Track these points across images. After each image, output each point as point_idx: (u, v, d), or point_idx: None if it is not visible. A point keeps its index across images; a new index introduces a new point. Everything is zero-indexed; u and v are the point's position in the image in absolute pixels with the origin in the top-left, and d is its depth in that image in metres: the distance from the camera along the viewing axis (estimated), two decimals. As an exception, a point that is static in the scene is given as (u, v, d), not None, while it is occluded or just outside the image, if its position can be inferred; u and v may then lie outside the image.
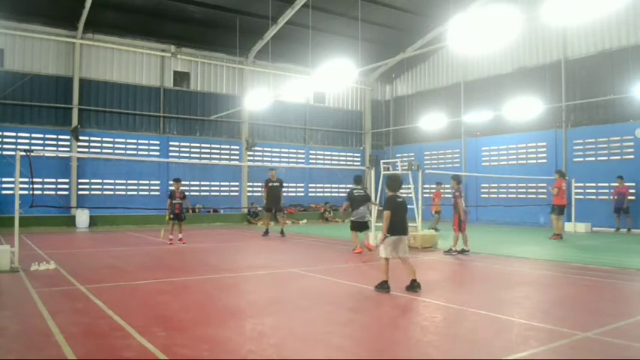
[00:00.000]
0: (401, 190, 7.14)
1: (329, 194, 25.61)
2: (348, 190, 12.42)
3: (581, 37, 18.86)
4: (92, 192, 19.45)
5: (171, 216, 12.71)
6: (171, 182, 16.65)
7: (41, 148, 18.12)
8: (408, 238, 7.01)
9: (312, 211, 24.01)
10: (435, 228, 15.74)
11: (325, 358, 4.05)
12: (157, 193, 20.69)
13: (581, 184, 18.20)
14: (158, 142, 20.93)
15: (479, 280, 7.79)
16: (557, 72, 19.59)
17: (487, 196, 22.21)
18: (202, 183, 21.87)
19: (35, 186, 9.71)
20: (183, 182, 20.97)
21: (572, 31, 18.94)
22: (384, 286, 6.61)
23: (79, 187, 19.11)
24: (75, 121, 18.87)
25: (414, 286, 6.59)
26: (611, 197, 17.04)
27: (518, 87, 20.40)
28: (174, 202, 12.68)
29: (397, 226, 6.67)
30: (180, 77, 21.72)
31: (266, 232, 15.23)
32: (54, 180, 18.63)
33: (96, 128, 19.63)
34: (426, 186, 23.53)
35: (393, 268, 6.87)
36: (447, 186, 22.90)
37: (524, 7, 17.28)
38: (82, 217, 18.39)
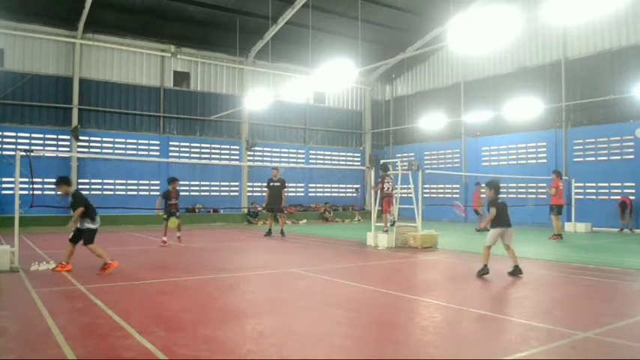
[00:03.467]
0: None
1: (329, 194, 25.62)
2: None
3: (581, 37, 18.86)
4: (92, 192, 19.42)
5: (165, 216, 12.29)
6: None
7: (41, 148, 18.13)
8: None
9: (312, 211, 24.01)
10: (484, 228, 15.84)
11: (325, 358, 4.05)
12: (157, 193, 20.63)
13: (581, 184, 18.21)
14: (158, 142, 20.93)
15: (479, 280, 7.78)
16: (557, 72, 19.59)
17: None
18: (202, 183, 21.87)
19: (35, 186, 9.70)
20: (183, 182, 21.13)
21: (572, 31, 18.95)
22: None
23: (79, 187, 19.07)
24: (75, 121, 18.87)
25: (515, 272, 7.79)
26: (619, 207, 17.08)
27: (518, 87, 20.41)
28: (170, 202, 12.29)
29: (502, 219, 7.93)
30: (180, 77, 21.72)
31: (268, 232, 15.20)
32: (54, 180, 18.58)
33: (96, 128, 19.63)
34: (433, 186, 23.67)
35: (399, 268, 6.86)
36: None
37: (524, 7, 17.28)
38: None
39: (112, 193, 19.82)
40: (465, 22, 10.28)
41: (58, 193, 8.25)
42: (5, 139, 17.97)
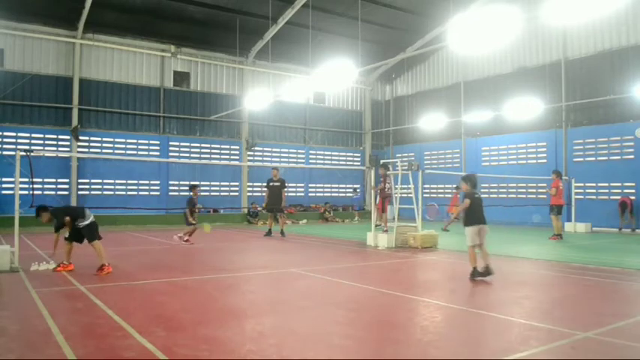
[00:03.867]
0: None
1: (329, 194, 25.62)
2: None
3: (581, 37, 18.86)
4: (92, 192, 19.45)
5: (195, 222, 12.81)
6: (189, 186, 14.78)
7: (41, 148, 18.13)
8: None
9: (312, 211, 24.01)
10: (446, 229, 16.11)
11: (325, 358, 4.05)
12: (157, 193, 20.71)
13: (581, 184, 18.21)
14: (158, 142, 20.93)
15: (479, 280, 7.77)
16: (557, 72, 19.59)
17: (487, 196, 22.15)
18: (202, 183, 21.84)
19: (35, 186, 9.71)
20: (182, 182, 21.20)
21: (572, 31, 18.95)
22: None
23: (79, 187, 19.12)
24: (75, 121, 18.87)
25: (485, 272, 7.41)
26: (619, 207, 17.08)
27: (518, 87, 20.41)
28: (196, 207, 12.92)
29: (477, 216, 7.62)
30: (181, 77, 21.72)
31: (268, 232, 15.20)
32: (54, 180, 18.64)
33: (96, 128, 19.63)
34: (432, 186, 23.67)
35: (399, 268, 6.86)
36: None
37: (524, 7, 17.28)
38: (82, 217, 18.36)
39: (112, 193, 19.82)
40: (465, 22, 10.28)
41: (43, 221, 8.19)
42: (5, 139, 17.97)
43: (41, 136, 18.62)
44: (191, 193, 13.09)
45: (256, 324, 5.07)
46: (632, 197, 17.09)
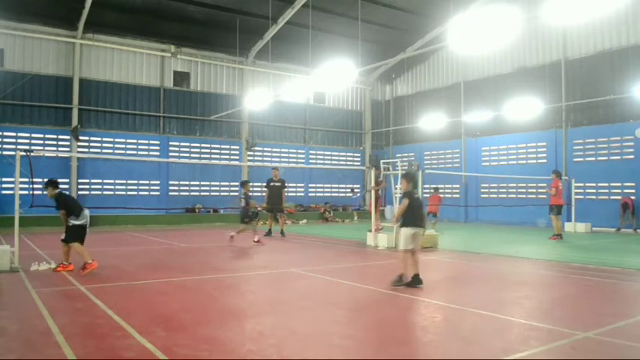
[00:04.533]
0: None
1: (329, 194, 25.61)
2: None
3: (581, 37, 18.86)
4: (92, 192, 19.45)
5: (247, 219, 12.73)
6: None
7: (41, 148, 18.12)
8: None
9: (312, 211, 24.00)
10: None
11: (326, 358, 4.05)
12: (157, 193, 20.71)
13: (581, 184, 18.21)
14: (158, 142, 20.93)
15: (479, 280, 7.78)
16: (557, 72, 19.59)
17: (487, 196, 22.21)
18: (202, 183, 21.87)
19: (35, 186, 9.70)
20: (182, 182, 21.20)
21: (572, 31, 18.94)
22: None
23: (79, 187, 19.12)
24: (75, 121, 18.87)
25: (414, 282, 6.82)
26: (620, 208, 17.07)
27: (518, 87, 20.40)
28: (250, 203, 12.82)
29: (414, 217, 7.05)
30: (181, 77, 21.72)
31: (268, 232, 15.21)
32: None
33: (96, 128, 19.63)
34: (433, 186, 23.59)
35: (397, 269, 6.86)
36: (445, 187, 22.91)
37: (524, 7, 17.27)
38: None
39: (112, 193, 19.82)
40: (465, 22, 10.28)
41: (49, 195, 8.38)
42: (5, 139, 17.97)
43: (41, 136, 18.62)
44: (243, 190, 13.06)
45: (256, 324, 5.07)
46: (633, 197, 17.09)
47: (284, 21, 20.26)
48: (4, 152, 17.68)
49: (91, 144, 19.55)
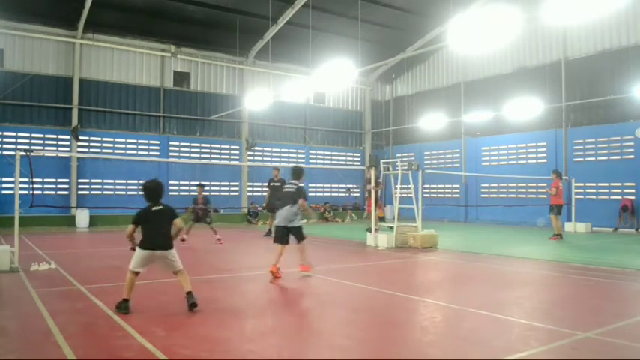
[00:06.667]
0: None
1: (329, 194, 25.60)
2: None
3: (581, 37, 18.86)
4: (92, 192, 19.45)
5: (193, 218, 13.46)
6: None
7: (41, 148, 18.11)
8: None
9: (312, 211, 23.97)
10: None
11: (325, 358, 4.04)
12: (157, 193, 20.67)
13: (581, 184, 18.21)
14: (158, 142, 20.93)
15: (479, 280, 7.78)
16: (557, 72, 19.59)
17: (487, 196, 22.21)
18: (202, 183, 21.82)
19: (35, 186, 9.70)
20: (182, 182, 21.17)
21: (572, 31, 18.94)
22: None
23: (79, 187, 19.11)
24: (75, 121, 18.87)
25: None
26: (620, 209, 17.06)
27: (518, 87, 20.40)
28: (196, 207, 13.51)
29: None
30: (180, 77, 21.71)
31: (268, 232, 15.18)
32: (54, 180, 18.63)
33: (96, 128, 19.62)
34: (432, 186, 23.68)
35: (399, 269, 6.85)
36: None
37: (524, 7, 17.25)
38: (82, 217, 18.38)
39: (112, 193, 19.81)
40: (465, 22, 10.27)
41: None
42: (5, 139, 17.96)
43: (41, 136, 18.61)
44: (199, 190, 14.11)
45: (256, 324, 5.07)
46: (632, 197, 17.08)
47: (284, 21, 20.25)
48: (4, 152, 17.66)
49: (91, 144, 19.54)
